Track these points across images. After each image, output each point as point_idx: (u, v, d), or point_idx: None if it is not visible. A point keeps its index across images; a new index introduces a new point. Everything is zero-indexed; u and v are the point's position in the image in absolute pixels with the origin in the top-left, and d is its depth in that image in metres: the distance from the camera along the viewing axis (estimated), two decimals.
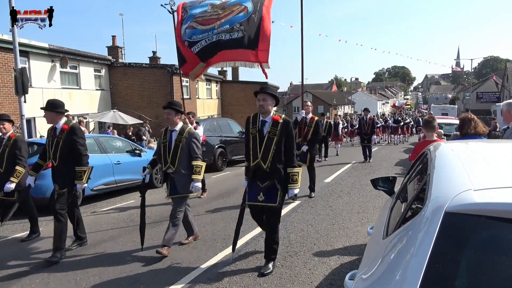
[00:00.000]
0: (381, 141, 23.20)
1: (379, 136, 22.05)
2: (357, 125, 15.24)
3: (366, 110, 14.01)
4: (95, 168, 8.08)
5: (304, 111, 7.56)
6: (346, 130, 21.88)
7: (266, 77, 6.64)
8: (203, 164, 4.83)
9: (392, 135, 22.34)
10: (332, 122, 15.58)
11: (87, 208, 7.74)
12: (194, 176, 4.65)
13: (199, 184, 4.74)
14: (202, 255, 4.64)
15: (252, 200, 4.04)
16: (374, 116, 16.16)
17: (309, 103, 7.87)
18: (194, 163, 4.70)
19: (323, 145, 14.31)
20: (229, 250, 4.77)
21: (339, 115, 25.02)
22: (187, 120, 7.45)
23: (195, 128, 7.74)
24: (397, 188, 3.14)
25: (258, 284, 3.84)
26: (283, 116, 4.05)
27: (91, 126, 18.05)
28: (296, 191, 4.00)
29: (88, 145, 8.38)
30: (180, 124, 4.83)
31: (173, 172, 4.71)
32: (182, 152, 4.69)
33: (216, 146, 12.37)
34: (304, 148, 7.41)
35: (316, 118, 7.65)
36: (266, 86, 4.02)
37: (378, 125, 21.01)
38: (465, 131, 3.97)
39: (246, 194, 4.10)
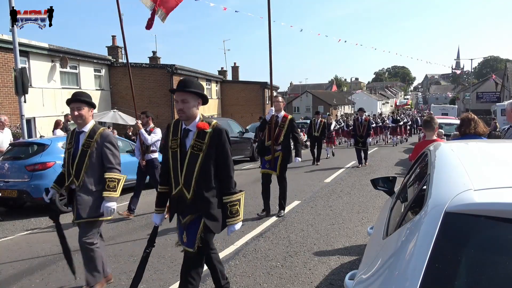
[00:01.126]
0: (378, 142, 22.15)
1: (373, 137, 20.56)
2: (352, 127, 14.00)
3: (361, 110, 12.87)
4: None
5: (273, 108, 6.15)
6: (342, 130, 21.05)
7: (149, 28, 5.87)
8: (121, 178, 3.60)
9: (391, 136, 21.62)
10: (326, 123, 14.18)
11: None
12: (105, 194, 3.46)
13: (113, 205, 3.50)
14: None
15: (180, 240, 2.95)
16: (369, 116, 14.99)
17: (280, 99, 6.37)
18: (108, 175, 3.51)
19: (315, 148, 13.34)
20: (229, 250, 4.78)
21: (332, 115, 24.09)
22: (139, 123, 6.32)
23: (150, 131, 6.62)
24: (397, 188, 3.14)
25: (258, 284, 3.84)
26: (214, 122, 2.88)
27: None
28: (238, 226, 2.92)
29: None
30: (91, 124, 3.63)
31: (77, 188, 3.52)
32: (90, 162, 3.51)
33: None
34: (298, 160, 6.40)
35: (289, 116, 6.24)
36: (186, 80, 2.88)
37: (374, 125, 19.66)
38: (464, 131, 3.96)
39: (154, 233, 2.98)
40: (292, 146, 6.53)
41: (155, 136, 6.62)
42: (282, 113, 6.26)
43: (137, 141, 6.79)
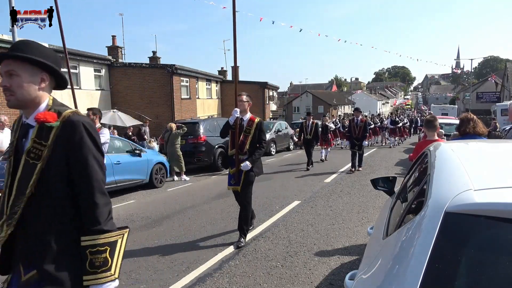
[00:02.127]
0: (373, 145, 21.03)
1: (371, 138, 19.95)
2: (347, 128, 12.85)
3: (357, 111, 11.79)
4: None
5: (238, 110, 5.01)
6: (339, 132, 20.09)
7: None
8: None
9: (389, 137, 20.86)
10: (319, 124, 13.12)
11: None
12: None
13: None
14: (202, 255, 4.64)
15: None
16: (366, 117, 13.97)
17: (244, 98, 5.14)
18: None
19: (309, 151, 12.25)
20: (229, 250, 4.79)
21: (330, 116, 23.50)
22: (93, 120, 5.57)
23: (97, 131, 5.23)
24: (397, 188, 3.14)
25: (258, 284, 3.84)
26: (67, 111, 1.69)
27: None
28: (108, 287, 1.61)
29: None
30: None
31: None
32: None
33: (216, 146, 12.37)
34: (246, 164, 4.88)
35: (257, 119, 5.08)
36: (20, 42, 1.72)
37: (371, 127, 19.14)
38: (463, 131, 3.96)
39: None
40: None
41: (102, 138, 5.51)
42: (248, 115, 5.12)
43: None
